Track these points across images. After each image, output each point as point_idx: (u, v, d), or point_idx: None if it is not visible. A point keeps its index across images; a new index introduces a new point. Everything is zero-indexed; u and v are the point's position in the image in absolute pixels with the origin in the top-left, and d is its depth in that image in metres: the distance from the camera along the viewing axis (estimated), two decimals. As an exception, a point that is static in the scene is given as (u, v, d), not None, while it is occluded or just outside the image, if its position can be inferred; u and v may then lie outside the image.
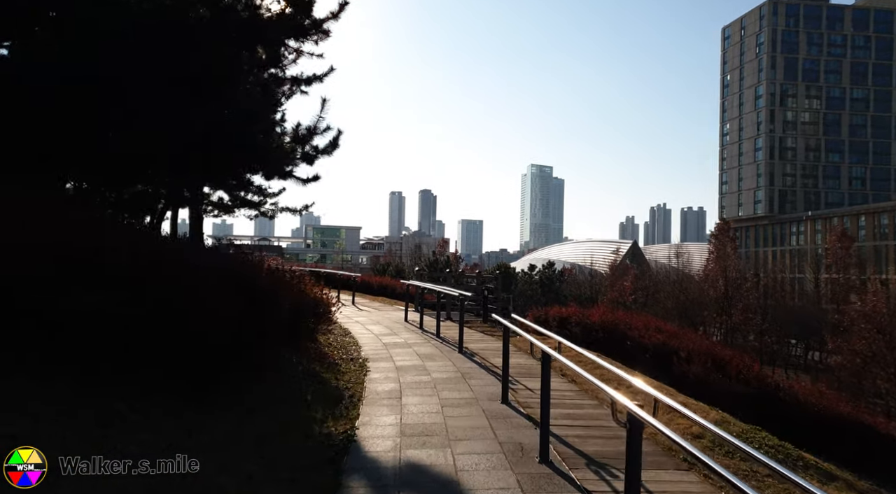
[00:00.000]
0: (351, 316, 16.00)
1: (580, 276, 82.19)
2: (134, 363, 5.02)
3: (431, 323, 14.04)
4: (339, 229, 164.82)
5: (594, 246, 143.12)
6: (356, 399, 7.21)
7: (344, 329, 13.25)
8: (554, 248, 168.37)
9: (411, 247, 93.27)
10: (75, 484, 3.24)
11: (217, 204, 28.70)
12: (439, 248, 71.68)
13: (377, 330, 13.34)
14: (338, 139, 15.85)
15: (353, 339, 11.86)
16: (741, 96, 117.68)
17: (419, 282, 14.91)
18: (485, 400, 7.33)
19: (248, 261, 9.18)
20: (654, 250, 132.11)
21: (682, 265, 76.64)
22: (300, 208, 28.68)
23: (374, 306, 19.71)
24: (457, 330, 12.00)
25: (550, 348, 5.86)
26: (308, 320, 9.49)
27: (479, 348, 11.17)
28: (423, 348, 11.01)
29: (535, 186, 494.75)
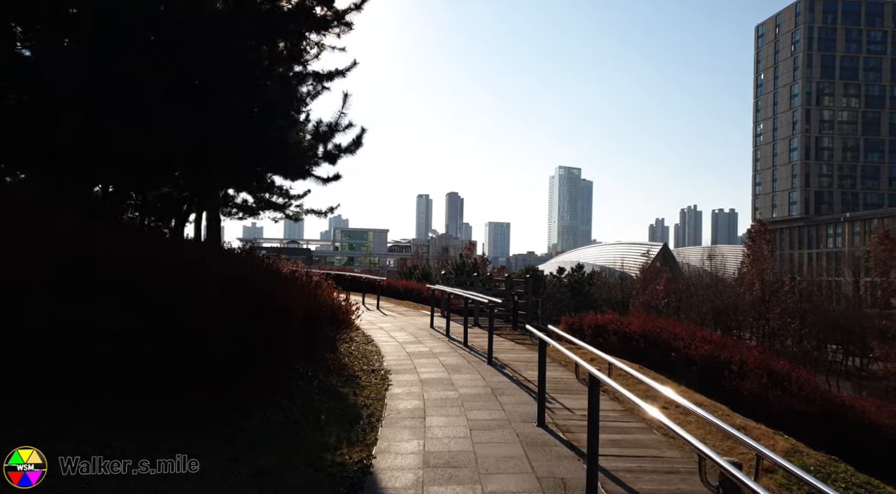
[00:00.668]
0: (375, 322, 15.33)
1: (610, 279, 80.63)
2: (109, 384, 4.38)
3: (458, 330, 13.29)
4: (367, 232, 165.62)
5: (623, 248, 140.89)
6: (375, 419, 6.49)
7: (366, 336, 12.58)
8: (582, 251, 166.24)
9: (438, 249, 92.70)
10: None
11: (241, 206, 28.40)
12: (466, 251, 70.91)
13: (401, 337, 12.64)
14: (361, 137, 15.21)
15: (376, 348, 11.18)
16: (776, 95, 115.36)
17: (446, 288, 14.19)
18: (519, 421, 6.55)
19: (259, 265, 8.54)
20: (685, 252, 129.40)
21: (714, 268, 74.63)
22: (325, 210, 28.20)
23: (400, 311, 19.04)
24: (485, 339, 11.24)
25: (598, 368, 5.05)
26: (325, 329, 8.83)
27: (509, 359, 10.38)
28: (449, 358, 10.26)
29: (562, 188, 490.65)
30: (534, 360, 9.83)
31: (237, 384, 5.19)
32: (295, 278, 9.01)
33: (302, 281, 9.05)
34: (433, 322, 14.70)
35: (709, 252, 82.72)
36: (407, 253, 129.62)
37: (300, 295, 7.88)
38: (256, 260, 8.97)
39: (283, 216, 28.69)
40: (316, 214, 28.70)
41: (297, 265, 14.41)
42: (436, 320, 14.94)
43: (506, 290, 16.44)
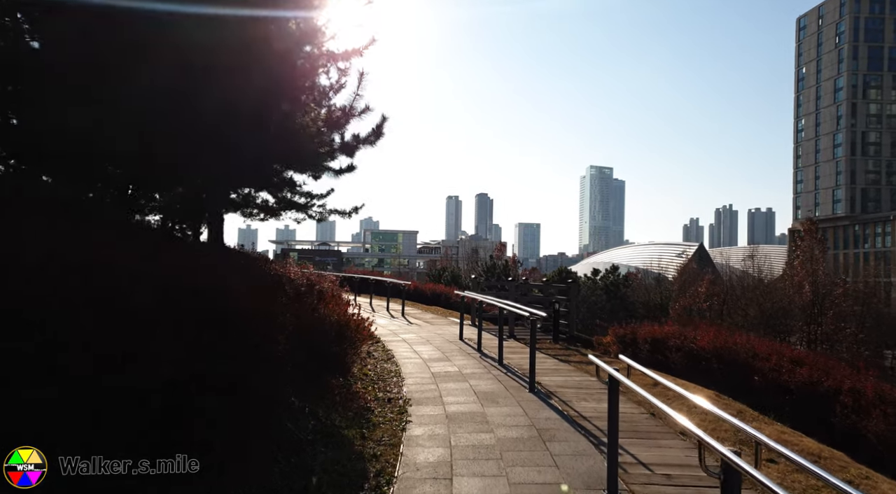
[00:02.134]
0: (398, 332, 13.68)
1: (646, 281, 77.78)
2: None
3: (491, 343, 11.54)
4: (396, 233, 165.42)
5: (658, 249, 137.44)
6: (385, 480, 4.80)
7: (386, 351, 10.92)
8: (615, 252, 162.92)
9: (468, 251, 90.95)
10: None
11: (262, 206, 27.12)
12: (497, 253, 68.98)
13: (426, 352, 10.94)
14: (382, 127, 13.56)
15: (396, 367, 9.50)
16: (818, 89, 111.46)
17: (477, 295, 12.45)
18: (581, 487, 4.77)
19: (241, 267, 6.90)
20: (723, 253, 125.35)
21: (756, 269, 71.27)
22: (350, 210, 26.66)
23: (426, 318, 17.37)
24: (523, 354, 9.51)
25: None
26: (330, 349, 7.19)
27: (555, 384, 8.57)
28: (482, 382, 8.52)
29: (594, 188, 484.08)
30: (586, 386, 8.09)
31: (176, 440, 3.55)
32: (280, 285, 7.35)
33: (298, 291, 7.41)
34: (462, 332, 12.96)
35: (751, 251, 78.93)
36: (436, 254, 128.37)
37: (293, 309, 6.23)
38: (244, 262, 7.35)
39: (305, 216, 27.33)
40: (340, 214, 27.20)
41: (307, 268, 12.82)
42: (466, 330, 13.23)
43: (543, 296, 14.63)
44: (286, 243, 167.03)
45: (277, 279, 9.00)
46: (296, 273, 9.95)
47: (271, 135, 10.48)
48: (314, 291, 8.12)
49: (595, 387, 8.26)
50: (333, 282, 11.42)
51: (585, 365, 10.11)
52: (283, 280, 8.83)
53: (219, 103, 9.32)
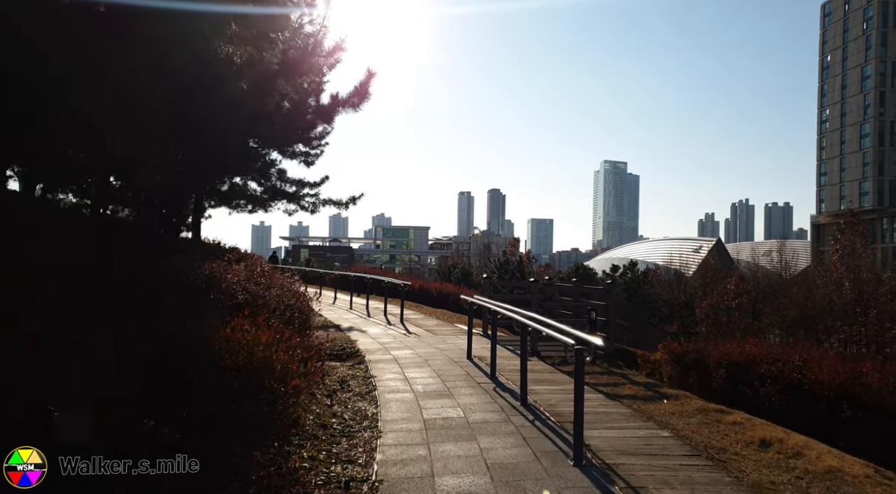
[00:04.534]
0: (390, 347, 10.81)
1: (665, 277, 74.52)
2: None
3: (508, 363, 8.65)
4: (408, 229, 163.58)
5: (674, 244, 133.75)
6: None
7: (368, 379, 8.04)
8: (629, 247, 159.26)
9: (480, 246, 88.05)
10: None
11: (249, 196, 24.27)
12: (510, 248, 65.97)
13: (421, 381, 8.03)
14: (367, 86, 10.83)
15: (375, 408, 6.60)
16: (844, 78, 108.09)
17: (491, 303, 9.28)
18: None
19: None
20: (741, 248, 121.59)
21: (783, 264, 67.70)
22: (347, 200, 23.72)
23: (429, 325, 14.48)
24: (552, 384, 6.69)
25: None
26: (245, 402, 4.33)
27: (611, 446, 5.54)
28: (498, 441, 5.59)
29: (608, 183, 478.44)
30: (661, 450, 4.82)
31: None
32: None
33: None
34: (471, 347, 10.01)
35: (776, 247, 75.22)
36: (448, 250, 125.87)
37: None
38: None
39: (297, 208, 24.49)
40: (336, 205, 24.33)
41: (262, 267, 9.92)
42: (475, 343, 10.33)
43: (572, 301, 11.71)
44: (297, 240, 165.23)
45: (207, 282, 6.19)
46: (237, 273, 7.14)
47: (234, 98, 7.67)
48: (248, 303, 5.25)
49: (676, 453, 5.33)
50: (300, 294, 8.62)
51: (642, 401, 7.18)
52: (212, 284, 6.01)
53: (172, 74, 6.59)
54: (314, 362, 6.02)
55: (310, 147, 22.15)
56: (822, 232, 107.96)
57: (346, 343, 11.10)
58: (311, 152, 22.38)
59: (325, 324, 14.09)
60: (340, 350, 10.35)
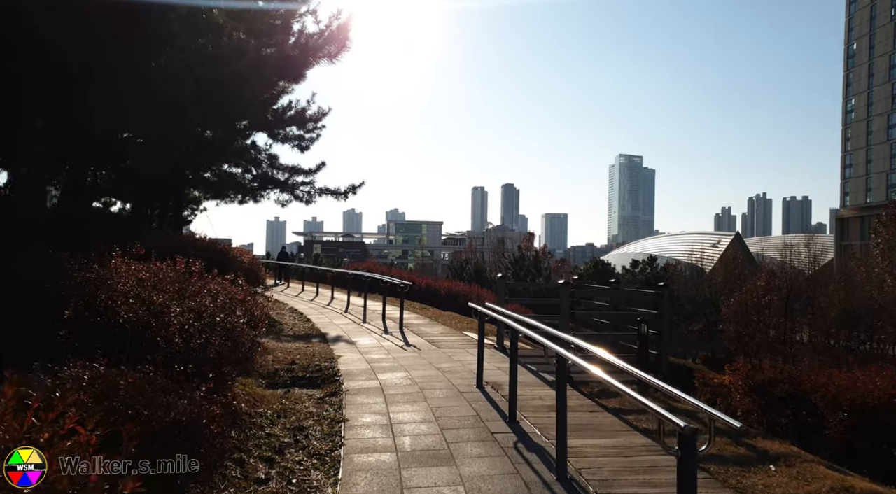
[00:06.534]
0: (378, 368, 8.58)
1: (686, 273, 71.94)
2: None
3: (532, 394, 6.40)
4: (421, 224, 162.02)
5: (691, 239, 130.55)
6: None
7: (337, 423, 5.83)
8: (646, 242, 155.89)
9: (493, 241, 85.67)
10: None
11: (238, 185, 22.08)
12: (525, 243, 63.54)
13: (412, 428, 5.76)
14: (347, 29, 8.62)
15: (330, 486, 4.38)
16: (871, 66, 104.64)
17: (512, 320, 6.79)
18: None
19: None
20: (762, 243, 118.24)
21: (812, 260, 64.75)
22: (346, 190, 21.33)
23: (434, 335, 12.23)
24: (596, 435, 4.49)
25: None
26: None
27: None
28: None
29: (623, 177, 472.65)
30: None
31: None
32: None
33: None
34: (482, 370, 7.72)
35: (805, 241, 72.09)
36: (461, 245, 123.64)
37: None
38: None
39: (290, 198, 22.21)
40: (333, 195, 21.93)
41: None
42: (489, 362, 8.10)
43: (610, 307, 9.41)
44: (310, 235, 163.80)
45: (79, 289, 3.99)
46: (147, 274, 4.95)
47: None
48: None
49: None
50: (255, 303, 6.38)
51: (737, 468, 4.90)
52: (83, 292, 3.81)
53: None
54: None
55: (304, 129, 19.98)
56: (846, 226, 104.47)
57: (327, 360, 8.91)
58: (306, 136, 20.15)
59: (308, 333, 11.90)
60: (316, 371, 8.16)
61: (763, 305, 44.49)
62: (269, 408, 6.07)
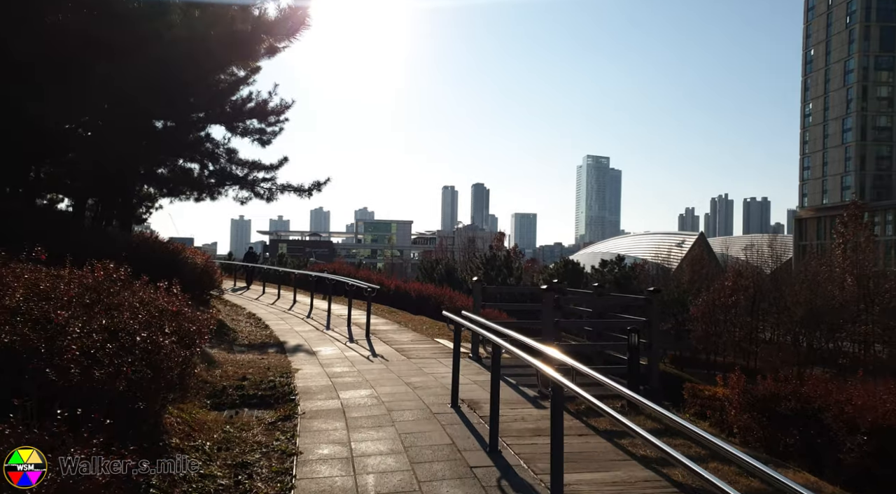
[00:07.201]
0: (342, 383, 7.71)
1: (652, 272, 72.66)
2: None
3: (514, 415, 5.65)
4: (390, 223, 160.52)
5: (657, 238, 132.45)
6: None
7: (287, 457, 4.96)
8: (613, 242, 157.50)
9: (464, 241, 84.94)
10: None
11: (193, 181, 20.85)
12: (496, 243, 63.03)
13: (376, 462, 4.86)
14: (306, 6, 7.74)
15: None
16: (827, 72, 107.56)
17: (493, 334, 5.82)
18: None
19: None
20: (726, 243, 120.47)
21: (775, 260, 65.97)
22: (309, 187, 20.22)
23: (403, 342, 11.39)
24: (589, 466, 3.81)
25: None
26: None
27: None
28: None
29: (590, 178, 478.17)
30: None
31: None
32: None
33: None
34: (458, 385, 6.91)
35: (768, 240, 73.48)
36: (431, 245, 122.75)
37: None
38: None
39: (250, 195, 20.96)
40: (297, 192, 20.76)
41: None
42: (465, 374, 7.32)
43: (593, 313, 8.70)
44: (276, 234, 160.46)
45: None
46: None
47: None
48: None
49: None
50: (185, 316, 5.42)
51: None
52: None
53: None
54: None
55: (265, 123, 18.88)
56: (804, 226, 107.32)
57: (283, 374, 8.00)
58: (267, 130, 19.02)
59: (265, 342, 10.93)
60: (270, 388, 7.24)
61: (730, 305, 44.91)
62: (209, 439, 5.15)
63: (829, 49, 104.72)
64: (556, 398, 3.96)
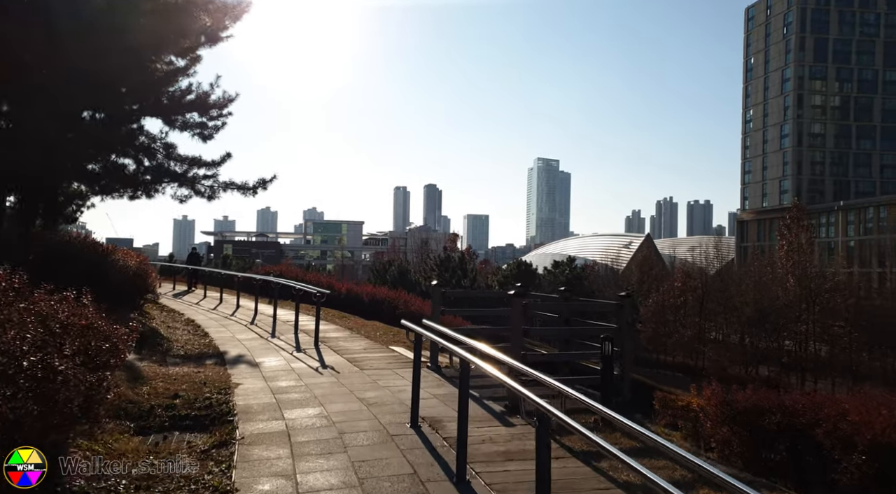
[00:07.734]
0: (287, 400, 6.94)
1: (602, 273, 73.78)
2: None
3: (481, 435, 5.05)
4: (341, 224, 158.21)
5: (605, 240, 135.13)
6: None
7: (222, 492, 4.22)
8: (563, 243, 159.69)
9: (417, 242, 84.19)
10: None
11: (128, 178, 19.57)
12: (450, 244, 62.57)
13: (326, 493, 4.23)
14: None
15: None
16: (766, 80, 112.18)
17: (460, 349, 5.04)
18: None
19: None
20: (672, 244, 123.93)
21: (719, 260, 68.03)
22: (255, 184, 19.06)
23: (355, 351, 10.63)
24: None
25: None
26: None
27: None
28: None
29: (541, 180, 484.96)
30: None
31: None
32: None
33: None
34: (418, 400, 6.25)
35: (713, 243, 75.72)
36: (383, 246, 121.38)
37: None
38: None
39: (191, 192, 19.62)
40: (241, 190, 19.53)
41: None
42: (425, 388, 6.66)
43: (558, 319, 8.23)
44: (220, 235, 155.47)
45: None
46: None
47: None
48: None
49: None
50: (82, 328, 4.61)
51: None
52: None
53: None
54: None
55: (207, 116, 17.73)
56: (745, 228, 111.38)
57: (221, 390, 7.15)
58: (209, 124, 17.84)
59: (203, 352, 9.99)
60: (205, 407, 6.41)
61: (679, 305, 45.74)
62: (126, 476, 4.33)
63: (768, 58, 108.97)
64: (541, 431, 3.37)
